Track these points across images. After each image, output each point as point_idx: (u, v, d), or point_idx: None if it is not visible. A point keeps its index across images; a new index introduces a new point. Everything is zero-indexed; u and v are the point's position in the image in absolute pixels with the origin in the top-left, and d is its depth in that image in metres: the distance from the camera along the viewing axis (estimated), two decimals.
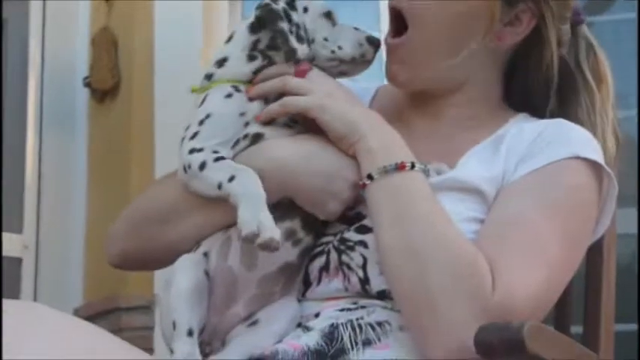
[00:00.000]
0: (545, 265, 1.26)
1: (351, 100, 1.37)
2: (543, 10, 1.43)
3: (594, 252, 1.45)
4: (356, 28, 1.40)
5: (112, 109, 3.91)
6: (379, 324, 1.28)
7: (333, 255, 1.33)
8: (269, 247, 1.22)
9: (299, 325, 1.32)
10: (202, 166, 1.30)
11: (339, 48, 1.38)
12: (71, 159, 4.00)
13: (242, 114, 1.35)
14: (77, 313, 3.67)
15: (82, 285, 3.93)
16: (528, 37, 1.45)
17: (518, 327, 1.11)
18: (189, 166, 1.31)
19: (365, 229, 1.32)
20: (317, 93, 1.34)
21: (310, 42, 1.38)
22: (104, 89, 3.90)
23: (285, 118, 1.36)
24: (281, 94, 1.35)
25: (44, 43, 3.99)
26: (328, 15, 1.40)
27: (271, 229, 1.22)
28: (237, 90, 1.36)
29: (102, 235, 1.50)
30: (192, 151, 1.32)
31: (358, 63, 1.40)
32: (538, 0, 1.42)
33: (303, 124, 1.37)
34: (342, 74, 1.41)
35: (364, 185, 1.30)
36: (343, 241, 1.33)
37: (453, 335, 1.20)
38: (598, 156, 1.36)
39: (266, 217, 1.23)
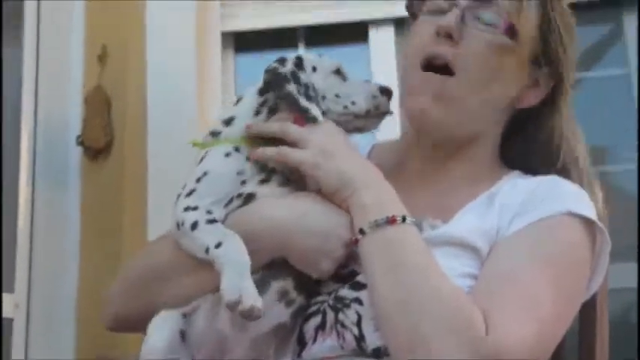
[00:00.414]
0: (538, 320, 1.26)
1: (349, 150, 1.36)
2: (563, 75, 1.44)
3: (588, 308, 1.45)
4: (366, 81, 1.40)
5: (105, 167, 3.90)
6: None
7: (330, 314, 1.32)
8: (251, 315, 1.21)
9: None
10: (194, 225, 1.30)
11: (353, 103, 1.38)
12: (64, 217, 3.97)
13: (239, 173, 1.35)
14: None
15: (75, 344, 3.90)
16: (543, 101, 1.46)
17: None
18: (182, 224, 1.31)
19: (359, 286, 1.31)
20: (313, 148, 1.33)
21: (321, 99, 1.38)
22: (97, 148, 3.90)
23: (281, 178, 1.36)
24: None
25: (37, 101, 4.00)
26: (338, 72, 1.40)
27: (254, 298, 1.22)
28: (237, 150, 1.36)
29: (95, 294, 1.50)
30: (187, 208, 1.32)
31: (373, 115, 1.39)
32: (560, 64, 1.44)
33: (300, 177, 1.36)
34: (358, 130, 1.40)
35: (357, 241, 1.30)
36: (339, 299, 1.32)
37: None
38: (591, 212, 1.36)
39: (249, 285, 1.23)
